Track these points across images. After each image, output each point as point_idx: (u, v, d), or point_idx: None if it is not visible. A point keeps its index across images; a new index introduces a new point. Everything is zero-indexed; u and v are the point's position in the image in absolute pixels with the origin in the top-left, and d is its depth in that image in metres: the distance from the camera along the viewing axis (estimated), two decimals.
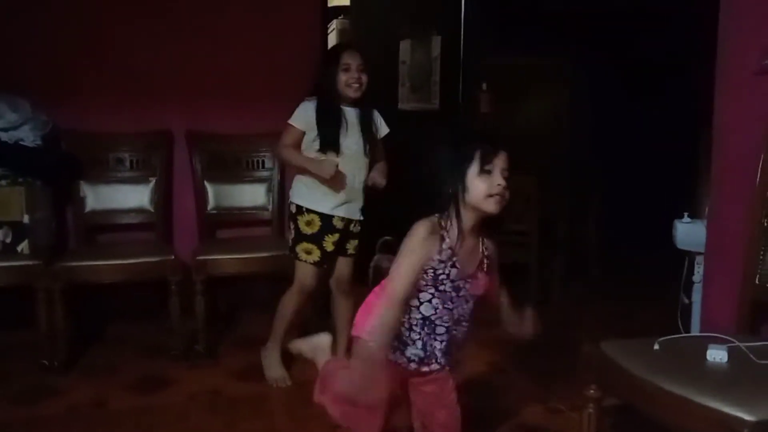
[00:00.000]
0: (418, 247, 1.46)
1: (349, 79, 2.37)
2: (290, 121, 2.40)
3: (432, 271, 1.48)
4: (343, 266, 2.54)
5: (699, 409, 1.33)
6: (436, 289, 1.51)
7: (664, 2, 4.74)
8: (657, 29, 5.16)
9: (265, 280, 3.01)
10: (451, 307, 1.53)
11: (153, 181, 3.12)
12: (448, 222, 1.49)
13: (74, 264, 2.67)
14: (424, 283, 1.50)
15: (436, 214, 1.50)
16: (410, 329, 1.55)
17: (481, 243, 1.56)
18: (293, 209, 2.46)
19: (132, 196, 3.09)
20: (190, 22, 3.21)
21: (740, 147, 1.95)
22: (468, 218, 1.49)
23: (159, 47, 3.17)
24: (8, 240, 2.65)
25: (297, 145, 2.41)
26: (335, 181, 2.35)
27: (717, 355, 1.50)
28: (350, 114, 2.42)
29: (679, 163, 3.76)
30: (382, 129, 2.54)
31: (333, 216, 2.42)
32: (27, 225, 2.67)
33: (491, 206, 1.46)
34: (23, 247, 2.66)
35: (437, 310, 1.53)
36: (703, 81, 2.26)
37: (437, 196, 1.50)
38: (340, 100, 2.40)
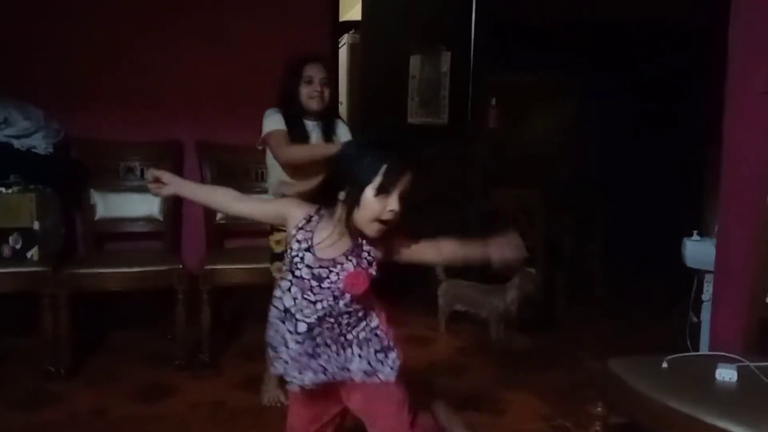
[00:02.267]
0: (281, 205, 1.47)
1: (312, 92, 2.31)
2: (269, 130, 2.31)
3: (290, 251, 1.39)
4: None
5: (707, 428, 1.32)
6: (293, 275, 1.37)
7: (673, 20, 4.76)
8: (665, 47, 5.18)
9: (272, 290, 3.00)
10: (312, 299, 1.36)
11: None
12: (325, 214, 1.39)
13: (82, 271, 2.67)
14: (286, 269, 1.40)
15: (319, 206, 1.40)
16: (275, 329, 1.42)
17: (359, 237, 1.39)
18: (268, 227, 2.40)
19: (141, 205, 3.11)
20: (202, 34, 3.25)
21: (750, 166, 1.95)
22: (348, 225, 1.36)
23: (171, 58, 3.21)
24: (18, 246, 2.66)
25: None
26: None
27: (726, 374, 1.49)
28: (312, 127, 2.36)
29: (687, 181, 3.75)
30: (343, 138, 2.41)
31: None
32: (37, 232, 2.68)
33: (372, 231, 1.35)
34: (32, 253, 2.67)
35: (296, 301, 1.38)
36: (711, 98, 2.26)
37: (324, 193, 1.39)
38: (302, 112, 2.34)
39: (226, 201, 1.50)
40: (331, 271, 1.36)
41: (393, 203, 1.33)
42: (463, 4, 3.90)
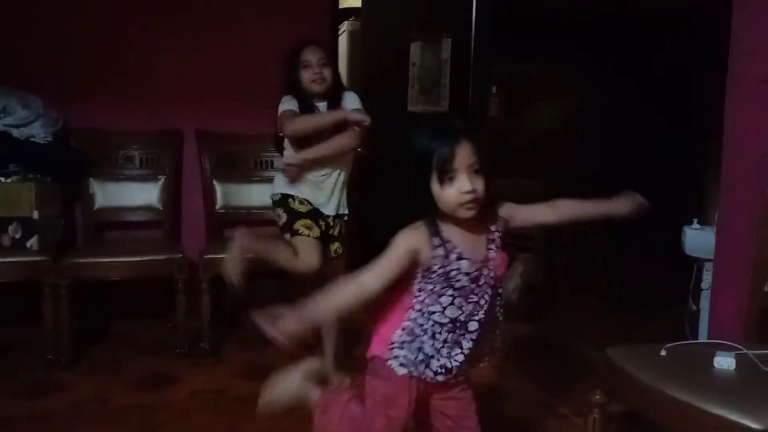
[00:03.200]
0: (401, 255, 1.32)
1: (312, 75, 2.33)
2: (284, 108, 2.33)
3: (441, 270, 1.32)
4: (327, 270, 2.39)
5: (705, 416, 1.32)
6: (454, 289, 1.33)
7: (674, 10, 4.73)
8: (667, 37, 5.15)
9: (272, 279, 3.01)
10: (476, 299, 1.35)
11: (162, 179, 3.13)
12: (438, 222, 1.34)
13: (82, 260, 2.68)
14: (440, 287, 1.34)
15: (422, 221, 1.34)
16: (433, 337, 1.36)
17: (484, 222, 1.38)
18: (278, 197, 2.37)
19: (141, 194, 3.11)
20: (201, 21, 3.23)
21: (750, 154, 1.94)
22: (453, 222, 1.34)
23: (170, 46, 3.19)
24: (18, 236, 2.66)
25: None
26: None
27: (724, 362, 1.49)
28: (322, 110, 2.37)
29: (688, 170, 3.74)
30: (349, 105, 2.40)
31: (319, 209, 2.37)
32: (36, 221, 2.68)
33: (465, 214, 1.30)
34: (32, 242, 2.67)
35: (463, 308, 1.34)
36: (713, 88, 2.24)
37: (419, 210, 1.35)
38: (310, 97, 2.36)
39: (360, 295, 1.35)
40: (483, 268, 1.35)
41: (463, 185, 1.27)
42: None
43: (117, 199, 3.07)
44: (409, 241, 1.32)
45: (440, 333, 1.36)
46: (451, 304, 1.34)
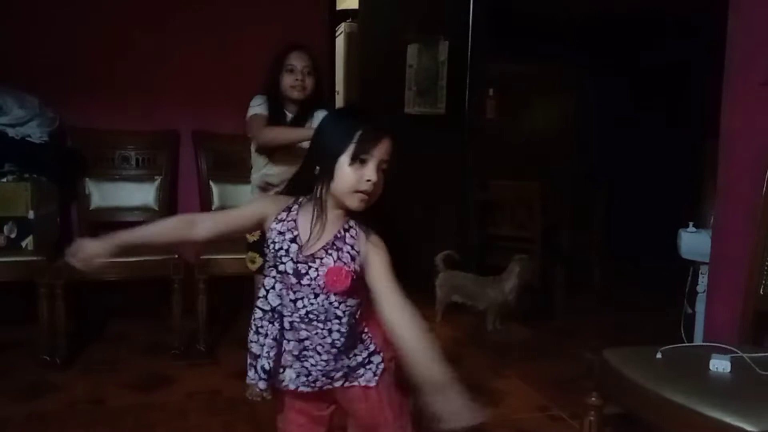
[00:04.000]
0: (251, 207, 1.33)
1: (293, 81, 2.27)
2: (250, 114, 2.30)
3: (272, 245, 1.25)
4: None
5: (701, 418, 1.32)
6: (277, 270, 1.25)
7: (672, 10, 4.74)
8: (664, 38, 5.16)
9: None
10: (293, 297, 1.24)
11: (158, 179, 3.13)
12: (305, 202, 1.28)
13: None
14: (268, 264, 1.28)
15: (295, 197, 1.29)
16: (257, 332, 1.27)
17: (345, 226, 1.28)
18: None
19: (137, 194, 3.10)
20: (199, 22, 3.23)
21: (746, 157, 1.94)
22: (331, 205, 1.27)
23: (168, 47, 3.19)
24: (13, 235, 2.66)
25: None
26: None
27: (720, 365, 1.49)
28: (291, 117, 2.32)
29: (684, 172, 3.75)
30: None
31: None
32: (32, 221, 2.68)
33: (354, 203, 1.23)
34: (28, 242, 2.67)
35: (282, 299, 1.25)
36: (709, 89, 2.25)
37: (301, 176, 1.30)
38: (284, 101, 2.31)
39: (183, 227, 1.30)
40: (310, 267, 1.24)
41: (370, 172, 1.21)
42: None
43: (113, 199, 3.07)
44: (263, 205, 1.32)
45: (262, 325, 1.27)
46: (272, 288, 1.26)
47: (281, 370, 1.29)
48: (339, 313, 1.26)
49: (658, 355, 1.57)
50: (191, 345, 2.79)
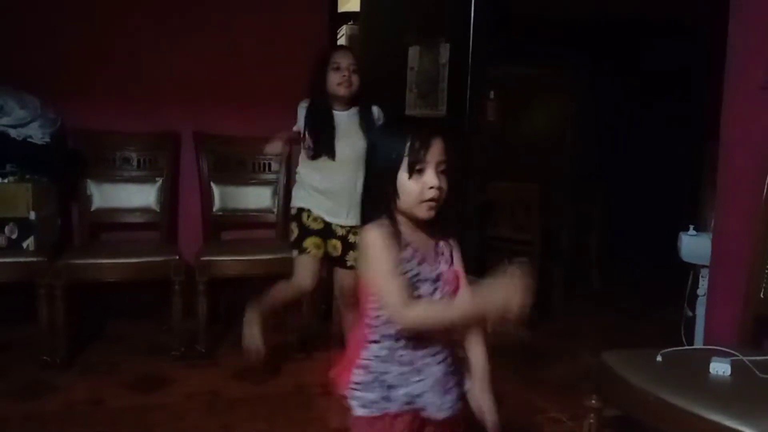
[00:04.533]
0: (385, 248, 1.20)
1: (339, 78, 2.33)
2: (296, 127, 2.43)
3: (406, 274, 1.23)
4: (345, 278, 2.47)
5: (700, 422, 1.32)
6: (418, 296, 1.24)
7: (672, 13, 4.75)
8: (665, 40, 5.17)
9: (268, 282, 3.01)
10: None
11: (159, 181, 3.13)
12: (396, 221, 1.26)
13: (78, 262, 2.67)
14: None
15: (382, 217, 1.25)
16: (395, 361, 1.25)
17: (435, 235, 1.31)
18: (294, 212, 2.45)
19: (138, 196, 3.10)
20: (200, 24, 3.23)
21: (747, 161, 1.95)
22: (406, 220, 1.26)
23: (169, 48, 3.19)
24: (14, 236, 2.66)
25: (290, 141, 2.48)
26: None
27: (720, 368, 1.50)
28: (342, 117, 2.38)
29: (685, 175, 3.76)
30: (381, 121, 2.44)
31: (332, 223, 2.40)
32: (33, 222, 2.68)
33: (423, 212, 1.23)
34: (29, 243, 2.66)
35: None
36: (710, 93, 2.25)
37: (377, 197, 1.26)
38: (330, 101, 2.37)
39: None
40: (438, 279, 1.26)
41: (430, 179, 1.22)
42: None
43: (114, 200, 3.07)
44: (382, 236, 1.21)
45: (402, 355, 1.25)
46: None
47: (440, 398, 1.28)
48: None
49: (658, 358, 1.57)
50: (191, 346, 2.79)
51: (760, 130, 1.91)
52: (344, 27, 4.74)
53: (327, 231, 2.40)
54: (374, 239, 1.21)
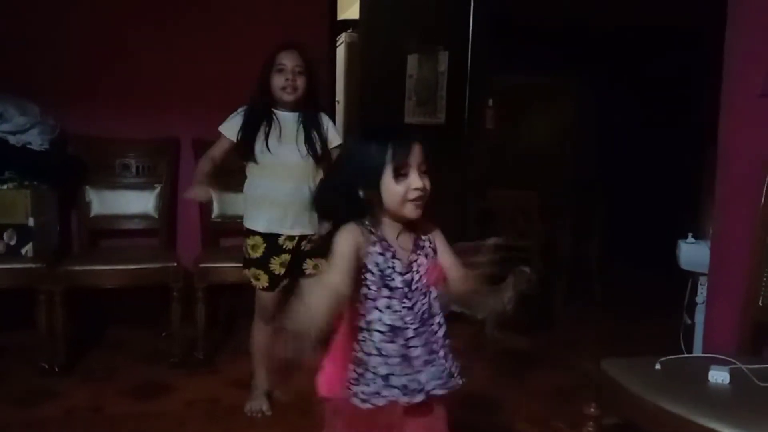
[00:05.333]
0: (345, 244, 1.27)
1: (283, 82, 2.17)
2: (219, 128, 2.27)
3: (377, 269, 1.30)
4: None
5: (699, 430, 1.32)
6: (389, 289, 1.31)
7: (671, 20, 4.77)
8: (664, 48, 5.18)
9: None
10: (409, 304, 1.32)
11: (158, 187, 3.13)
12: (373, 221, 1.32)
13: (77, 268, 2.67)
14: (375, 288, 1.31)
15: (358, 221, 1.31)
16: (381, 354, 1.31)
17: (416, 230, 1.37)
18: (244, 230, 2.31)
19: (137, 202, 3.10)
20: (199, 31, 3.24)
21: (745, 168, 1.95)
22: (390, 220, 1.33)
23: (168, 55, 3.20)
24: (13, 242, 2.66)
25: (226, 155, 2.28)
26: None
27: (719, 376, 1.50)
28: (286, 119, 2.22)
29: (684, 183, 3.76)
30: (332, 137, 2.26)
31: (278, 235, 2.22)
32: (32, 228, 2.68)
33: (411, 212, 1.30)
34: (27, 249, 2.67)
35: (399, 313, 1.32)
36: (709, 100, 2.26)
37: (349, 204, 1.31)
38: (274, 104, 2.21)
39: (332, 289, 1.24)
40: (414, 272, 1.33)
41: (414, 181, 1.28)
42: (462, 3, 3.90)
43: (113, 207, 3.07)
44: (350, 237, 1.28)
45: (386, 346, 1.31)
46: (388, 307, 1.31)
47: (414, 381, 1.33)
48: (435, 304, 1.37)
49: (657, 366, 1.57)
50: (190, 353, 2.78)
51: (759, 138, 1.92)
52: (344, 34, 4.77)
53: (266, 256, 2.24)
54: (340, 240, 1.28)
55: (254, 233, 2.26)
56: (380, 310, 1.31)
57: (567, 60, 5.28)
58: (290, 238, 2.24)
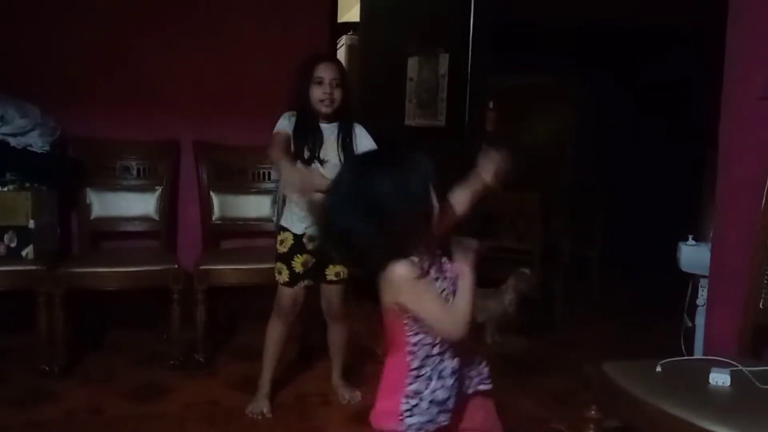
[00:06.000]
0: (426, 283, 1.25)
1: (321, 94, 2.23)
2: (276, 129, 2.29)
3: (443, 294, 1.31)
4: (329, 294, 2.43)
5: None
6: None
7: (671, 23, 4.77)
8: (664, 49, 5.19)
9: (267, 291, 3.00)
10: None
11: (159, 189, 3.13)
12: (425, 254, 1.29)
13: (77, 270, 2.67)
14: None
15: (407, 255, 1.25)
16: (440, 377, 1.31)
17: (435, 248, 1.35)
18: (276, 227, 2.40)
19: (137, 204, 3.10)
20: (200, 33, 3.25)
21: (745, 171, 1.95)
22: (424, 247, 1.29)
23: (169, 57, 3.21)
24: (13, 244, 2.66)
25: (287, 150, 2.26)
26: (303, 192, 2.09)
27: (719, 378, 1.49)
28: (327, 130, 2.30)
29: (685, 185, 3.76)
30: (364, 144, 2.31)
31: (304, 235, 2.30)
32: (32, 230, 2.68)
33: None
34: (28, 251, 2.66)
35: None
36: (709, 102, 2.26)
37: (392, 240, 1.22)
38: (315, 115, 2.28)
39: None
40: (453, 282, 1.32)
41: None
42: (462, 6, 3.90)
43: (113, 209, 3.07)
44: (414, 272, 1.23)
45: (446, 367, 1.31)
46: None
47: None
48: None
49: (658, 369, 1.57)
50: (190, 355, 2.78)
51: (759, 140, 1.92)
52: (344, 37, 4.78)
53: (290, 253, 2.32)
54: (408, 276, 1.22)
55: (285, 230, 2.35)
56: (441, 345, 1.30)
57: (567, 62, 5.28)
58: (311, 238, 2.29)
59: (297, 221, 2.32)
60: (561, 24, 4.99)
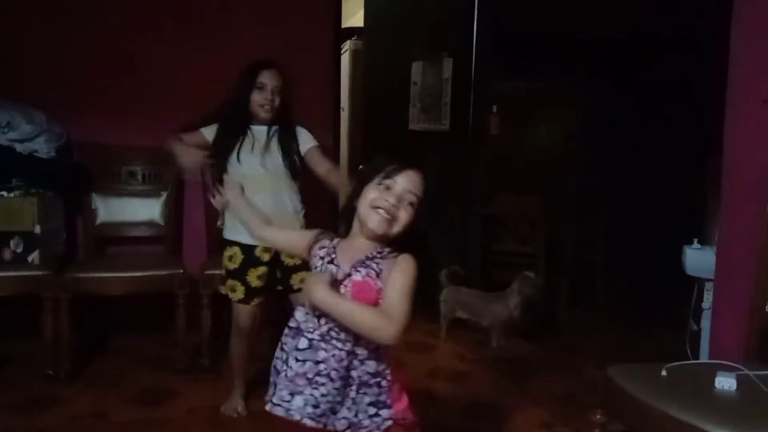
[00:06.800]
0: (309, 232, 1.44)
1: (262, 100, 2.23)
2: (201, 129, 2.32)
3: (314, 269, 1.36)
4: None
5: None
6: None
7: (674, 27, 4.77)
8: (667, 54, 5.19)
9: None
10: (320, 312, 1.27)
11: (164, 195, 3.14)
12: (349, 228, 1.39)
13: (83, 275, 2.68)
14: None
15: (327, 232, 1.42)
16: (281, 348, 1.34)
17: (380, 249, 1.32)
18: (223, 242, 2.33)
19: (143, 210, 3.12)
20: (205, 39, 3.26)
21: (750, 174, 1.95)
22: (362, 232, 1.34)
23: (174, 63, 3.22)
24: (19, 250, 2.67)
25: (192, 143, 2.33)
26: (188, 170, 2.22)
27: (725, 382, 1.49)
28: (259, 132, 2.27)
29: (689, 188, 3.75)
30: (305, 142, 2.29)
31: (255, 246, 2.21)
32: (38, 235, 2.69)
33: (373, 222, 1.29)
34: (34, 257, 2.68)
35: (307, 315, 1.30)
36: (713, 105, 2.26)
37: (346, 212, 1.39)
38: (249, 118, 2.27)
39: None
40: (343, 285, 1.29)
41: (391, 196, 1.30)
42: (466, 11, 3.91)
43: (119, 214, 3.08)
44: (315, 233, 1.41)
45: (286, 341, 1.32)
46: (303, 304, 1.30)
47: (290, 397, 1.30)
48: (361, 338, 1.27)
49: (663, 373, 1.56)
50: (195, 360, 2.79)
51: (764, 143, 1.92)
52: (348, 42, 4.79)
53: (242, 268, 2.25)
54: (311, 231, 1.45)
55: (232, 244, 2.28)
56: (298, 307, 1.33)
57: (571, 66, 5.29)
58: (266, 249, 2.24)
59: (243, 230, 2.12)
60: (563, 29, 4.99)
